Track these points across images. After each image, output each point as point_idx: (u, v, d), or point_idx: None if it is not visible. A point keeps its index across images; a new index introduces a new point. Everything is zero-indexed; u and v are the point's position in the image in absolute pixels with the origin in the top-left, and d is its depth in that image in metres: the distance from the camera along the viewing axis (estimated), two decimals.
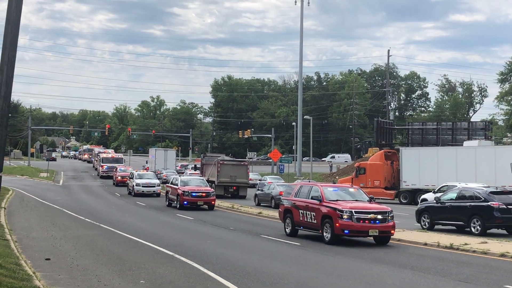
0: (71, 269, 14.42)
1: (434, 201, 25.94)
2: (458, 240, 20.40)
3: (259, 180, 55.01)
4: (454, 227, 24.72)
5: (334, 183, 39.58)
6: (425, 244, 19.92)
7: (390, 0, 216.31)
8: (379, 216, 19.53)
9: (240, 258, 16.87)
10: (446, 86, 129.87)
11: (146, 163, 79.00)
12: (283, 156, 72.70)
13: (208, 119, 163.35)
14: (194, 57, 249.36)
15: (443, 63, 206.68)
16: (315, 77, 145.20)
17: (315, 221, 20.53)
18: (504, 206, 22.78)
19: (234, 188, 46.32)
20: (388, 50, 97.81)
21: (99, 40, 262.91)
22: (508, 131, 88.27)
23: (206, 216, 30.94)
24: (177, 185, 35.79)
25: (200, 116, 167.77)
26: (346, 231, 19.36)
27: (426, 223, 25.33)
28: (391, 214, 19.97)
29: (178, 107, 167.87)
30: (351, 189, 22.06)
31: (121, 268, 14.76)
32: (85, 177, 72.25)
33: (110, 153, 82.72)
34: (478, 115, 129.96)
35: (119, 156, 77.31)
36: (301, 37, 72.78)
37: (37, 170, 77.66)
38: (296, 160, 74.13)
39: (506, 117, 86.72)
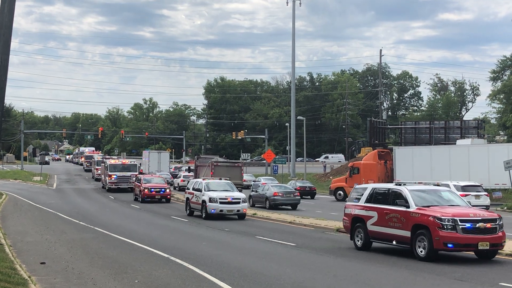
0: (66, 272, 14.40)
1: None
2: None
3: (253, 181, 55.02)
4: None
5: None
6: None
7: (378, 0, 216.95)
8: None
9: (236, 259, 16.86)
10: (439, 85, 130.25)
11: (140, 165, 78.62)
12: (277, 157, 72.65)
13: (201, 121, 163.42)
14: (185, 59, 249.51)
15: (434, 62, 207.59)
16: (307, 78, 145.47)
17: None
18: None
19: None
20: (380, 50, 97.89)
21: (89, 43, 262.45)
22: (500, 129, 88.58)
23: (200, 219, 30.90)
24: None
25: (193, 118, 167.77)
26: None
27: None
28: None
29: (171, 109, 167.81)
30: None
31: (116, 271, 14.74)
32: (78, 180, 72.14)
33: (120, 159, 66.45)
34: (471, 114, 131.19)
35: (132, 162, 59.15)
36: (293, 38, 72.84)
37: (31, 174, 77.49)
38: (290, 161, 74.16)
39: (499, 115, 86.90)
